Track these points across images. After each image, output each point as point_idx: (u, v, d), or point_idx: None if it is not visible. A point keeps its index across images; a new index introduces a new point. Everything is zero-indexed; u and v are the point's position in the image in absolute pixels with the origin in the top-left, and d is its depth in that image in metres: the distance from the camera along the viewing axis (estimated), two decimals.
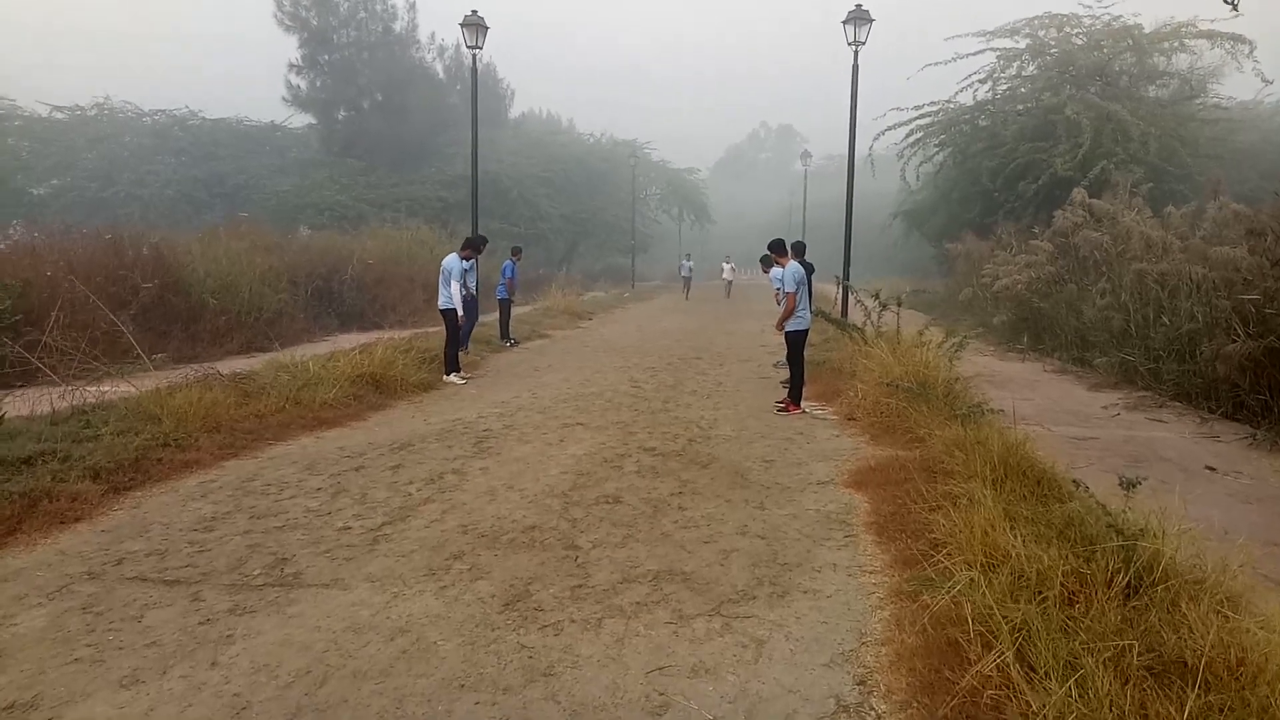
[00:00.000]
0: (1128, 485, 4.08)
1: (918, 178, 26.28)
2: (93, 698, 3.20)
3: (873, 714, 3.18)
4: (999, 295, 16.16)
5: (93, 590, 4.19)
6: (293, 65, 35.69)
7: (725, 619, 3.97)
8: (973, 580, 3.87)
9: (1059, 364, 13.15)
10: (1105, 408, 9.71)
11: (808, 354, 10.15)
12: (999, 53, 22.55)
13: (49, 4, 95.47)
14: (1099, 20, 21.65)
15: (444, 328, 11.29)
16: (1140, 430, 8.51)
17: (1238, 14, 8.26)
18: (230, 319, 12.56)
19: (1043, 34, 22.32)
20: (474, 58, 16.69)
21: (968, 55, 22.63)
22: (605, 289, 35.02)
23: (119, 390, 8.01)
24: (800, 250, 11.31)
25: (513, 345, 15.28)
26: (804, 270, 9.65)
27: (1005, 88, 23.11)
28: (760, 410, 9.54)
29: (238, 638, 3.69)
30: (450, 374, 11.05)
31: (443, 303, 11.15)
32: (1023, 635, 3.32)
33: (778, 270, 11.38)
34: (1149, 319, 11.56)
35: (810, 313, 9.88)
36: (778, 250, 9.87)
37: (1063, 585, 3.79)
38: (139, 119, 36.70)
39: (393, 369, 9.87)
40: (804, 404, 9.54)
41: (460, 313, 11.13)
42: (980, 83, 22.79)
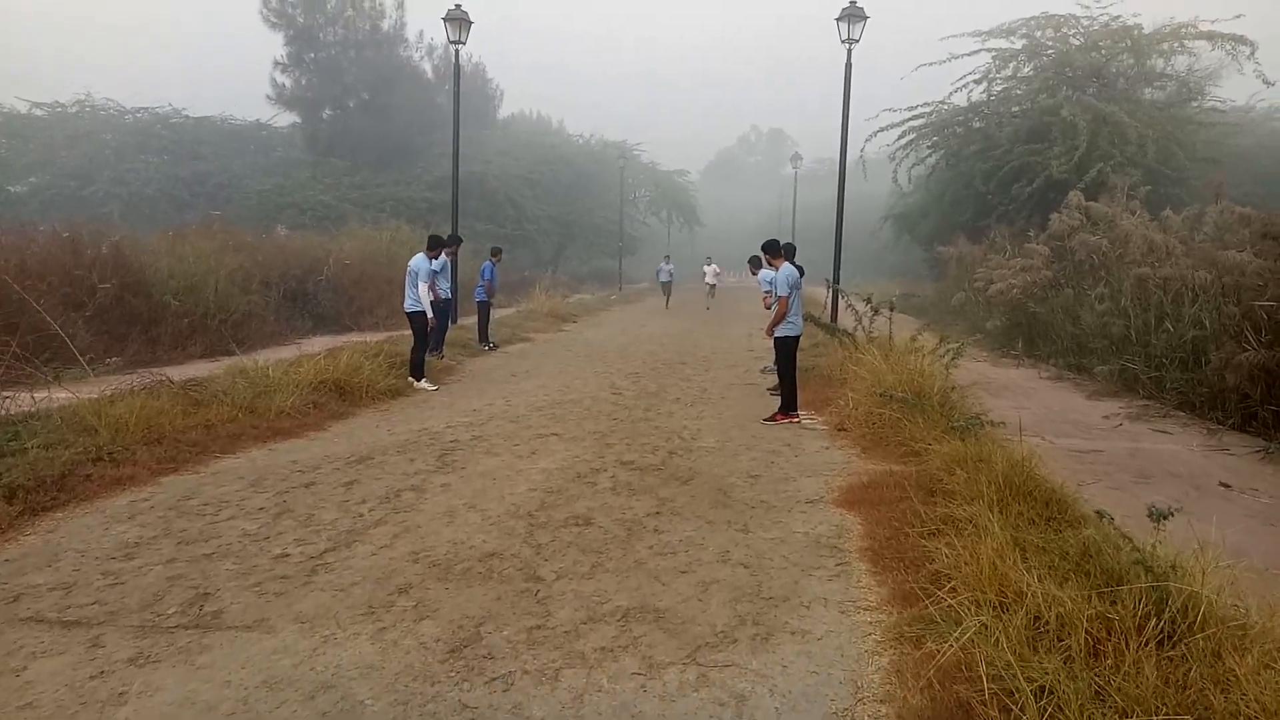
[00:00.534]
0: (1158, 517, 3.60)
1: (909, 180, 25.88)
2: None
3: None
4: (992, 300, 15.75)
5: None
6: (278, 63, 35.06)
7: (701, 668, 3.47)
8: (984, 626, 3.39)
9: (1055, 371, 12.72)
10: (1106, 417, 9.27)
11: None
12: (994, 53, 22.17)
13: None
14: (1096, 21, 21.29)
15: (412, 331, 10.75)
16: (1145, 442, 8.06)
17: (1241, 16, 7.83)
18: (193, 321, 11.97)
19: (1039, 34, 21.96)
20: (456, 53, 16.18)
21: (962, 56, 22.26)
22: (592, 291, 34.47)
23: (62, 397, 7.45)
24: (790, 253, 10.81)
25: (491, 349, 14.74)
26: (798, 274, 9.15)
27: (1000, 89, 22.72)
28: (746, 419, 9.05)
29: (132, 696, 3.17)
30: (419, 380, 10.51)
31: (409, 305, 10.62)
32: (1049, 701, 2.83)
33: (766, 272, 10.88)
34: (1150, 325, 11.14)
35: (801, 319, 9.37)
36: (772, 251, 9.32)
37: (1087, 633, 3.32)
38: (120, 116, 35.99)
39: (358, 375, 9.32)
40: (802, 416, 9.05)
41: (430, 315, 10.60)
42: (975, 83, 22.43)
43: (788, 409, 8.99)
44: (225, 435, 7.17)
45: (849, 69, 15.34)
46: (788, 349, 9.03)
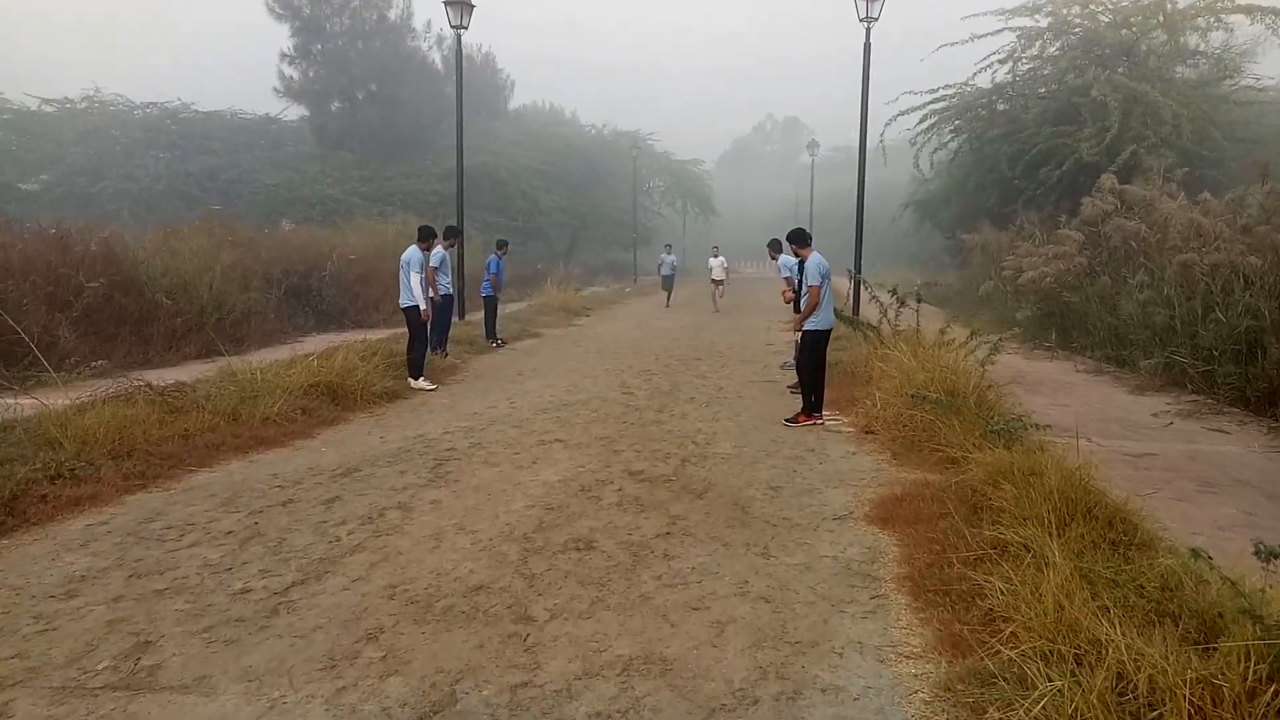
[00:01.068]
0: (1268, 556, 2.98)
1: (931, 165, 25.04)
2: None
3: None
4: (1023, 289, 15.01)
5: None
6: (285, 55, 34.62)
7: None
8: (1061, 692, 2.80)
9: (1092, 363, 12.02)
10: (1155, 415, 8.60)
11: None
12: (1019, 32, 21.25)
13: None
14: None
15: (408, 328, 10.20)
16: (1202, 443, 7.40)
17: None
18: (188, 320, 11.47)
19: (1065, 12, 21.04)
20: (458, 37, 15.59)
21: (985, 35, 21.33)
22: (606, 284, 33.83)
23: (35, 404, 6.96)
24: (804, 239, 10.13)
25: (499, 346, 14.19)
26: (826, 263, 8.43)
27: (1026, 69, 21.80)
28: (765, 420, 8.45)
29: None
30: (417, 379, 9.98)
31: (404, 300, 10.07)
32: None
33: (787, 258, 10.25)
34: (1197, 315, 10.42)
35: (832, 312, 8.64)
36: (798, 241, 8.60)
37: (1189, 701, 2.72)
38: (130, 112, 35.64)
39: (353, 376, 8.78)
40: (825, 413, 8.42)
41: (424, 308, 10.05)
42: (1000, 63, 21.49)
43: (811, 409, 8.36)
44: (203, 446, 6.64)
45: (867, 48, 14.63)
46: (816, 344, 8.34)
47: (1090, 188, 15.44)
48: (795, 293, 9.23)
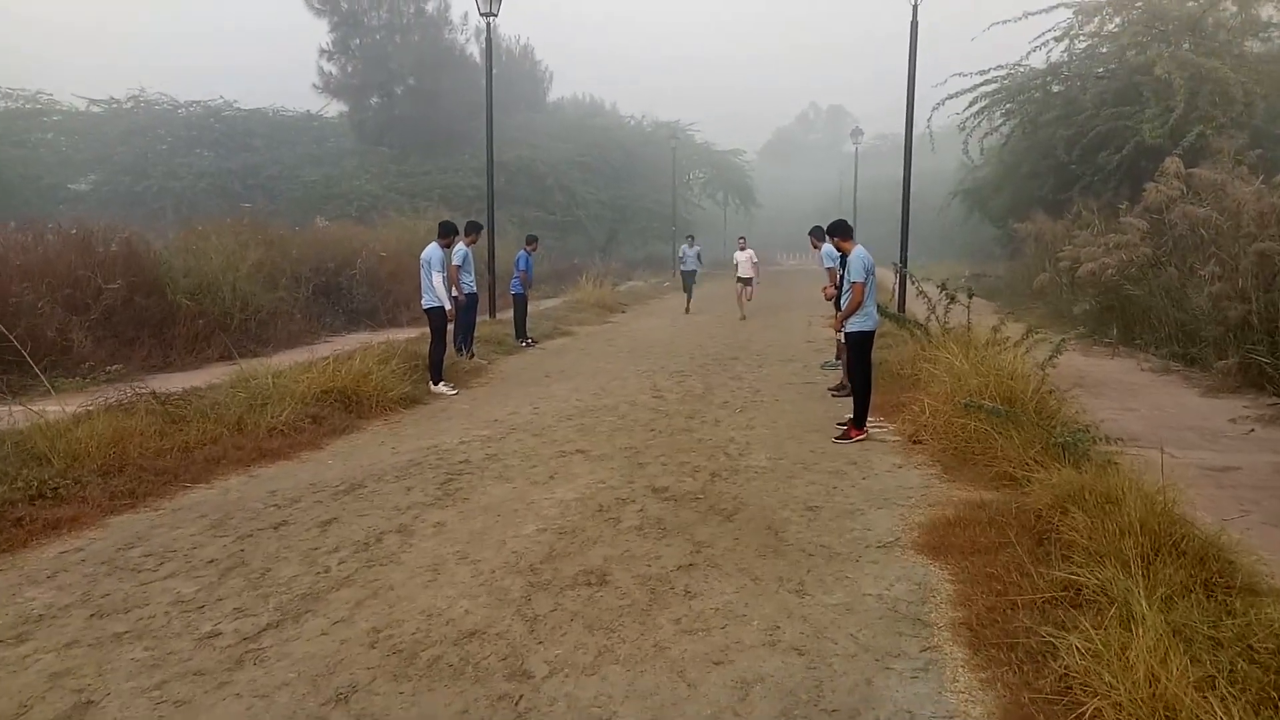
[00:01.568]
0: None
1: (981, 152, 24.03)
2: None
3: None
4: (1080, 281, 14.14)
5: None
6: (324, 50, 34.68)
7: None
8: None
9: (1158, 362, 11.17)
10: (1233, 421, 7.85)
11: None
12: (1075, 7, 20.17)
13: (98, 7, 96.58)
14: None
15: (429, 329, 9.76)
16: None
17: None
18: (210, 322, 11.20)
19: None
20: (488, 24, 15.16)
21: (1039, 12, 20.29)
22: (644, 277, 33.25)
23: (33, 412, 6.66)
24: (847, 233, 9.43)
25: (529, 345, 13.74)
26: (870, 258, 7.70)
27: (1083, 47, 20.67)
28: (803, 427, 7.87)
29: None
30: (437, 383, 9.56)
31: (426, 300, 9.64)
32: None
33: (830, 248, 9.62)
34: (1276, 308, 9.58)
35: (876, 310, 7.87)
36: (841, 234, 7.86)
37: None
38: (174, 111, 36.02)
39: (368, 382, 8.37)
40: (869, 425, 7.70)
41: (448, 308, 9.62)
42: (1055, 41, 20.41)
43: (861, 422, 7.53)
44: (202, 460, 6.27)
45: (914, 27, 13.90)
46: (863, 347, 7.57)
47: (1153, 173, 14.47)
48: (837, 288, 8.61)
